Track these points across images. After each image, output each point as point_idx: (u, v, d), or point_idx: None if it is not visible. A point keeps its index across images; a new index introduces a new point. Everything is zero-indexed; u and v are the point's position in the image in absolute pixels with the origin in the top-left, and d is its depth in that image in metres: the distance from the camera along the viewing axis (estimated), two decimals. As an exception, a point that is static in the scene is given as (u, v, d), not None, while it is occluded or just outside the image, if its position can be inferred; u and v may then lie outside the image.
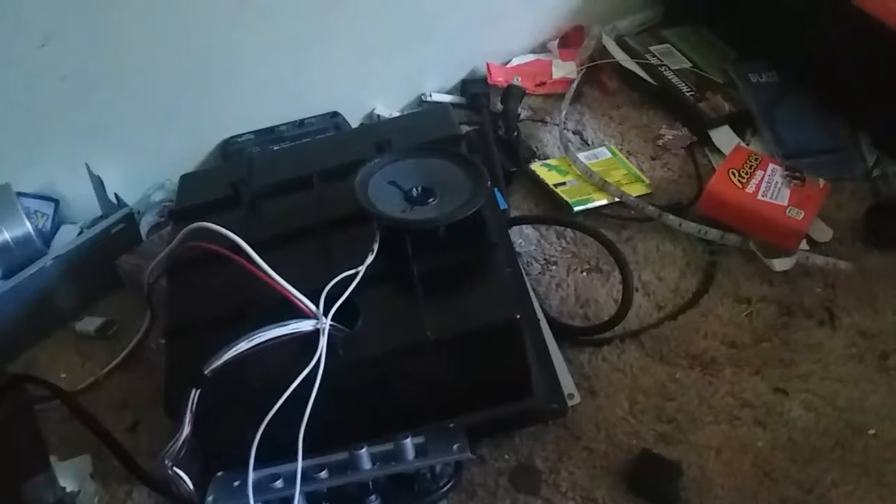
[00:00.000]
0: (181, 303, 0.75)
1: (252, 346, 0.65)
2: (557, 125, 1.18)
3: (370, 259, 0.70)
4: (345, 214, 0.75)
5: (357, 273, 0.69)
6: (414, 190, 0.72)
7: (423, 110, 0.86)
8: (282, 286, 0.67)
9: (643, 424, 0.82)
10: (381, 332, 0.68)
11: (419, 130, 0.84)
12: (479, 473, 0.79)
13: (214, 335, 0.67)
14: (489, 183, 0.70)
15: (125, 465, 0.79)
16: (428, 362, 0.67)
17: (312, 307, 0.67)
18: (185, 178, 0.89)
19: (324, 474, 0.70)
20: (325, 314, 0.67)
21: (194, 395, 0.65)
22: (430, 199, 0.71)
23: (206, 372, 0.64)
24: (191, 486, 0.71)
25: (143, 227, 0.99)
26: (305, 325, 0.67)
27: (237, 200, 0.81)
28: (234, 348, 0.65)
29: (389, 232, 0.72)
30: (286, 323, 0.66)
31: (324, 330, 0.66)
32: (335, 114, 1.12)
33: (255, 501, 0.69)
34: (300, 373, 0.63)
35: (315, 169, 0.82)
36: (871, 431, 0.81)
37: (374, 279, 0.70)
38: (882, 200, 1.03)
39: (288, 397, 0.65)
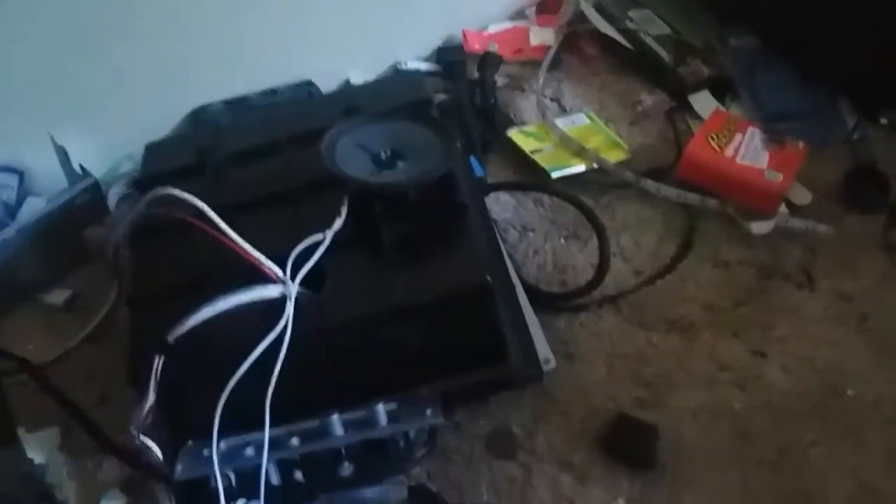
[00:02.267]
0: (144, 271, 0.73)
1: (216, 313, 0.63)
2: (535, 92, 1.16)
3: (338, 224, 0.68)
4: (313, 180, 0.74)
5: (324, 238, 0.68)
6: (382, 153, 0.71)
7: (394, 75, 0.84)
8: (246, 250, 0.65)
9: (620, 389, 0.81)
10: (349, 297, 0.67)
11: (389, 95, 0.82)
12: (455, 440, 0.78)
13: (178, 303, 0.65)
14: (459, 145, 0.68)
15: (93, 436, 0.77)
16: (398, 328, 0.66)
17: (279, 272, 0.66)
18: (150, 147, 0.87)
19: (295, 441, 0.69)
20: (293, 279, 0.66)
21: (158, 363, 0.63)
22: (399, 163, 0.69)
23: (169, 339, 0.63)
24: (160, 455, 0.69)
25: (112, 199, 0.97)
26: (271, 291, 0.65)
27: (203, 168, 0.79)
28: (198, 315, 0.63)
29: (358, 196, 0.70)
30: (251, 288, 0.65)
31: (290, 295, 0.65)
32: (309, 83, 1.10)
33: (225, 470, 0.68)
34: (266, 339, 0.62)
35: (283, 135, 0.80)
36: (850, 392, 0.80)
37: (342, 245, 0.69)
38: (861, 163, 1.02)
39: (257, 365, 0.64)
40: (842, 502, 0.72)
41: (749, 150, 0.97)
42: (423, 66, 1.19)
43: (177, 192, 0.68)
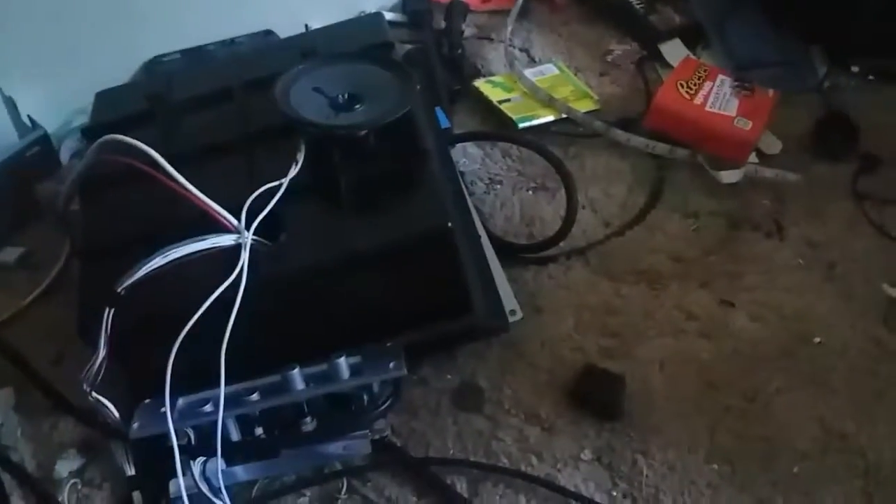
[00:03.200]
0: (94, 223, 0.70)
1: (168, 262, 0.61)
2: (503, 42, 1.13)
3: (294, 170, 0.66)
4: (269, 126, 0.71)
5: (281, 185, 0.65)
6: (340, 97, 0.68)
7: (354, 18, 0.81)
8: (198, 198, 0.63)
9: (588, 340, 0.80)
10: (306, 245, 0.65)
11: (348, 38, 0.79)
12: (421, 394, 0.77)
13: (130, 255, 0.63)
14: (419, 88, 0.66)
15: (48, 396, 0.75)
16: (357, 276, 0.64)
17: (232, 220, 0.63)
18: (100, 95, 0.84)
19: (255, 397, 0.67)
20: (247, 228, 0.64)
21: (108, 315, 0.61)
22: (357, 106, 0.67)
23: (119, 290, 0.60)
24: (116, 413, 0.67)
25: (64, 153, 0.93)
26: (225, 240, 0.63)
27: (154, 115, 0.76)
28: (149, 264, 0.61)
29: (315, 141, 0.68)
30: (204, 238, 0.62)
31: (245, 244, 0.63)
32: (268, 32, 1.06)
33: (184, 427, 0.66)
34: (218, 288, 0.60)
35: (238, 81, 0.77)
36: (817, 339, 0.80)
37: (300, 192, 0.66)
38: (832, 112, 1.02)
39: (213, 317, 0.62)
40: (808, 447, 0.72)
41: (719, 98, 0.96)
42: (389, 16, 1.16)
43: (126, 139, 0.65)
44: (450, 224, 0.64)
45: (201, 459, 0.67)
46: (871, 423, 0.74)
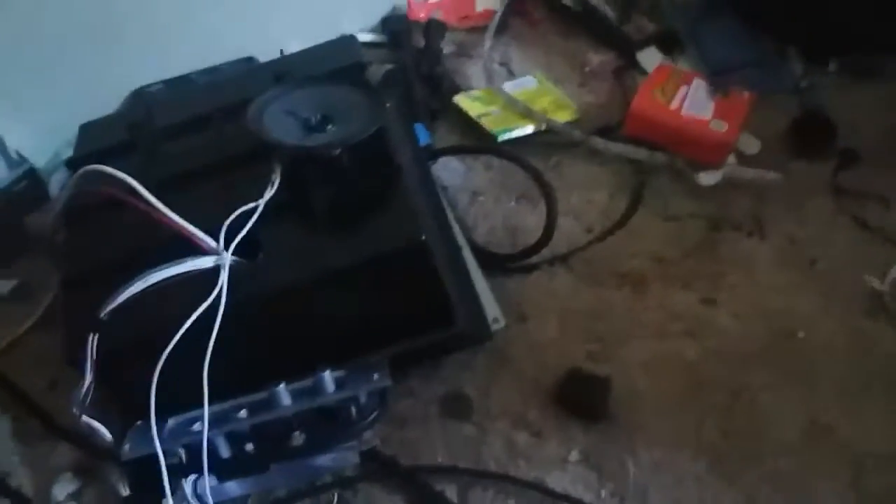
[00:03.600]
0: (77, 251, 0.72)
1: (148, 286, 0.62)
2: (482, 58, 1.15)
3: (271, 191, 0.67)
4: (245, 150, 0.72)
5: (257, 206, 0.67)
6: (312, 118, 0.69)
7: (327, 42, 0.83)
8: (178, 223, 0.64)
9: (573, 345, 0.81)
10: (283, 263, 0.66)
11: (322, 61, 0.81)
12: (410, 405, 0.78)
13: (112, 281, 0.64)
14: (387, 105, 0.67)
15: (43, 422, 0.77)
16: (335, 292, 0.65)
17: (211, 242, 0.65)
18: (84, 127, 0.86)
19: (243, 414, 0.69)
20: (226, 249, 0.65)
21: (93, 340, 0.62)
22: (330, 126, 0.68)
23: (101, 315, 0.62)
24: (108, 436, 0.69)
25: (54, 186, 0.95)
26: (205, 262, 0.64)
27: (135, 144, 0.78)
28: (130, 289, 0.62)
29: (290, 163, 0.69)
30: (183, 260, 0.64)
31: (224, 265, 0.64)
32: (249, 58, 1.08)
33: (175, 446, 0.68)
34: (198, 309, 0.61)
35: (215, 107, 0.79)
36: (800, 334, 0.81)
37: (277, 212, 0.68)
38: (809, 110, 1.03)
39: (196, 338, 0.63)
40: (794, 441, 0.73)
41: (694, 102, 0.97)
42: (369, 37, 1.18)
43: (106, 169, 0.67)
44: (423, 237, 0.65)
45: (193, 477, 0.68)
46: (857, 414, 0.74)
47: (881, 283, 0.83)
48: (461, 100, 1.06)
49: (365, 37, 1.18)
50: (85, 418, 0.66)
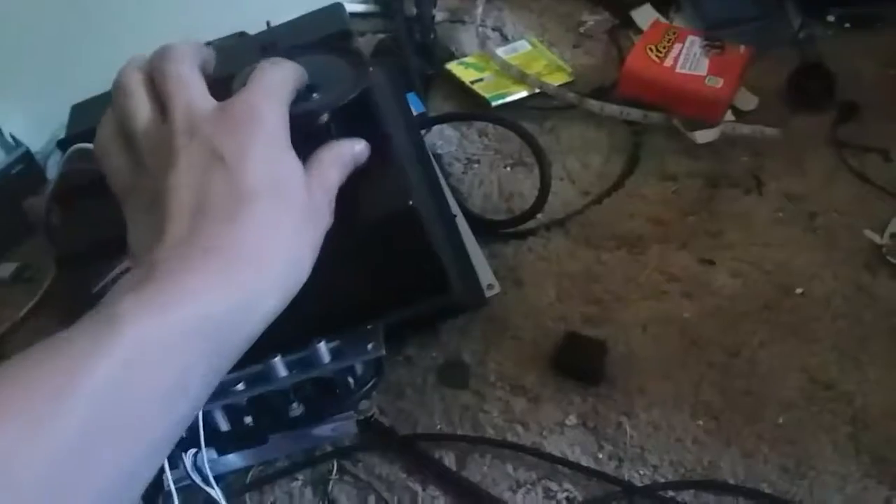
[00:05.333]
0: (70, 229, 0.72)
1: (139, 262, 0.63)
2: (476, 23, 1.14)
3: (259, 163, 0.67)
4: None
5: (246, 179, 0.66)
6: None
7: (314, 11, 0.82)
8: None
9: (570, 309, 0.81)
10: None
11: (308, 30, 0.80)
12: (407, 374, 0.78)
13: (108, 258, 0.65)
14: (371, 69, 0.67)
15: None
16: (325, 262, 0.65)
17: (199, 217, 0.65)
18: (76, 108, 0.85)
19: (240, 387, 0.69)
20: (216, 223, 0.65)
21: (87, 317, 0.63)
22: (314, 94, 0.68)
23: (94, 292, 0.62)
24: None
25: (51, 169, 0.96)
26: (194, 236, 0.65)
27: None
28: (123, 264, 0.63)
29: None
30: (173, 235, 0.64)
31: (213, 239, 0.64)
32: (242, 34, 1.07)
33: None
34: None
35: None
36: (799, 291, 0.80)
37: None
38: (807, 62, 1.01)
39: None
40: (793, 397, 0.72)
41: (689, 59, 0.95)
42: (360, 7, 1.17)
43: (90, 146, 0.66)
44: (411, 203, 0.65)
45: (192, 451, 0.69)
46: (857, 369, 0.74)
47: (881, 238, 0.82)
48: (453, 67, 1.05)
49: (356, 7, 1.17)
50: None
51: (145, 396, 0.42)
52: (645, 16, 1.10)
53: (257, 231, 0.50)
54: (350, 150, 0.63)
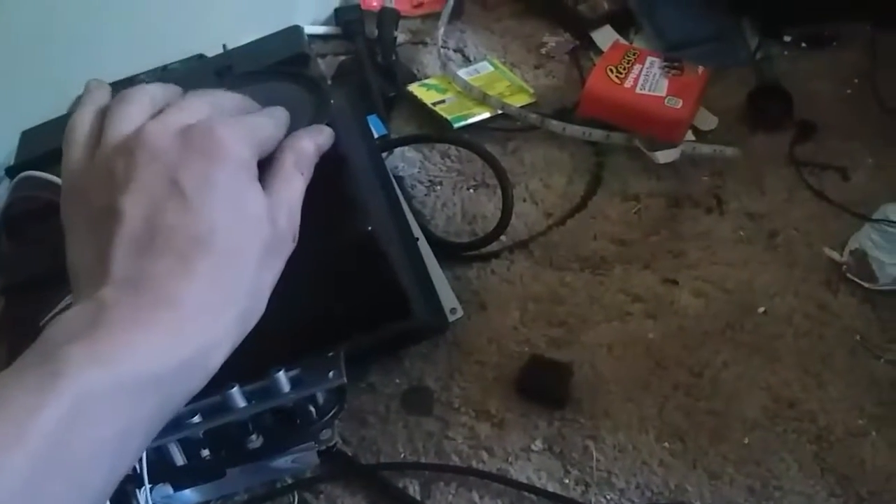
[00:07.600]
0: (17, 258, 0.70)
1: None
2: (437, 45, 1.13)
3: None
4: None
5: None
6: (252, 113, 0.68)
7: (272, 34, 0.81)
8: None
9: (534, 332, 0.80)
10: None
11: (266, 53, 0.79)
12: (370, 401, 0.77)
13: (54, 288, 0.63)
14: (331, 99, 0.66)
15: None
16: (284, 288, 0.64)
17: (151, 245, 0.63)
18: (26, 133, 0.84)
19: (196, 419, 0.67)
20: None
21: (34, 351, 0.61)
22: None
23: (41, 325, 0.60)
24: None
25: (0, 197, 0.93)
26: (147, 265, 0.63)
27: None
28: (70, 297, 0.61)
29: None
30: (124, 264, 0.62)
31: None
32: (200, 56, 1.06)
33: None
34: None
35: (158, 107, 0.77)
36: (761, 310, 0.80)
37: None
38: (764, 83, 1.02)
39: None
40: (758, 417, 0.72)
41: (648, 80, 0.96)
42: (322, 30, 1.17)
43: (41, 174, 0.65)
44: (370, 227, 0.64)
45: (147, 487, 0.66)
46: (819, 387, 0.74)
47: (840, 255, 0.83)
48: (415, 88, 1.04)
49: (317, 29, 1.17)
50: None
51: (88, 448, 0.40)
52: (605, 37, 1.10)
53: (213, 282, 0.47)
54: (312, 144, 0.58)
